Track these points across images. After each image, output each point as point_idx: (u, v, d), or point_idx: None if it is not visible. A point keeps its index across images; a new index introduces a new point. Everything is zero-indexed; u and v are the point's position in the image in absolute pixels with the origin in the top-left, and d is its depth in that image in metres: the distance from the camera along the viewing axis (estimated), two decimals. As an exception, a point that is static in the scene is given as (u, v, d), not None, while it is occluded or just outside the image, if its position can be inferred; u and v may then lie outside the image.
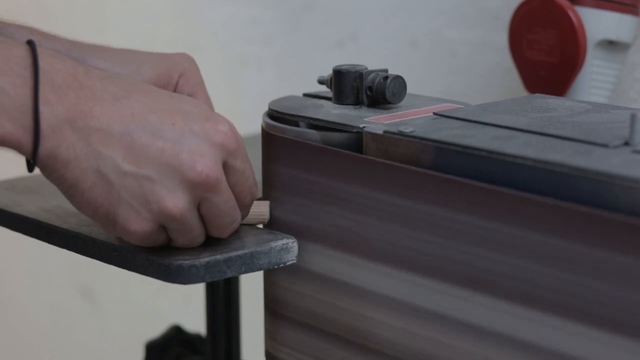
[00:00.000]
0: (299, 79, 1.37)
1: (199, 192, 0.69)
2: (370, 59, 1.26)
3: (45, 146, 0.66)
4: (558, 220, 0.62)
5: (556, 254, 0.62)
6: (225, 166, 0.71)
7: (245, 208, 0.74)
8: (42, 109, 0.66)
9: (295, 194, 0.76)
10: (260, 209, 0.78)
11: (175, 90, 0.86)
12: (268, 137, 0.78)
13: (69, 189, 0.69)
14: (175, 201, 0.69)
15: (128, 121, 0.68)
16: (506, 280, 0.65)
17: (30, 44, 0.68)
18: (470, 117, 0.74)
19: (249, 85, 1.45)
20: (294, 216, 0.77)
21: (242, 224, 0.77)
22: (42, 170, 0.68)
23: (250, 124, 1.30)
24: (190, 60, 0.85)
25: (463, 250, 0.67)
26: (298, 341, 0.79)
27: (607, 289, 0.61)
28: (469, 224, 0.67)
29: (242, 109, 1.46)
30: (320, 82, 0.83)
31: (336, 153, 0.74)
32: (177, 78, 0.85)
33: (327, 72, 0.83)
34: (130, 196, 0.68)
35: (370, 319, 0.74)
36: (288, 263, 0.75)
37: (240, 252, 0.73)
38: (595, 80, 0.96)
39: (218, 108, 0.84)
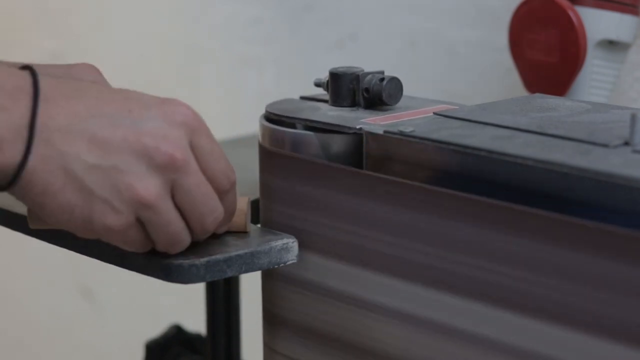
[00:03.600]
0: (299, 79, 1.37)
1: (169, 174, 0.68)
2: (370, 59, 1.26)
3: (8, 155, 0.66)
4: (558, 232, 0.62)
5: (557, 265, 0.62)
6: (193, 147, 0.69)
7: (224, 195, 0.72)
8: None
9: (293, 206, 0.76)
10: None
11: None
12: (265, 152, 0.78)
13: (39, 196, 0.67)
14: (146, 186, 0.67)
15: (85, 115, 0.67)
16: (507, 290, 0.65)
17: None
18: (470, 117, 0.74)
19: (249, 85, 1.45)
20: (292, 227, 0.76)
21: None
22: (7, 184, 0.67)
23: (250, 124, 1.30)
24: (94, 70, 0.80)
25: (463, 262, 0.67)
26: (296, 351, 0.79)
27: (606, 298, 0.61)
28: (469, 236, 0.66)
29: (242, 109, 1.46)
30: (317, 84, 0.83)
31: (333, 167, 0.74)
32: None
33: (325, 74, 0.83)
34: (102, 189, 0.67)
35: (369, 328, 0.74)
36: (288, 263, 0.75)
37: (240, 252, 0.73)
38: (595, 80, 0.96)
39: (218, 108, 0.85)
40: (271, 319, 0.80)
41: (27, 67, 0.69)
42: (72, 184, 0.67)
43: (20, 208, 0.82)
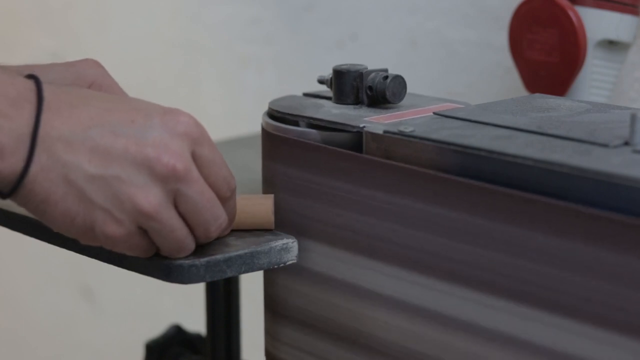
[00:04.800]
0: (299, 79, 1.37)
1: (171, 185, 0.68)
2: (370, 59, 1.26)
3: (10, 163, 0.66)
4: (558, 220, 0.62)
5: (557, 253, 0.63)
6: (194, 157, 0.70)
7: (225, 202, 0.72)
8: (3, 123, 0.65)
9: (296, 193, 0.76)
10: (263, 210, 0.77)
11: None
12: (268, 137, 0.78)
13: (41, 205, 0.68)
14: (148, 197, 0.68)
15: (88, 125, 0.68)
16: (508, 280, 0.65)
17: None
18: (470, 117, 0.74)
19: (249, 85, 1.45)
20: (294, 215, 0.77)
21: (247, 230, 0.76)
22: (9, 192, 0.67)
23: (250, 124, 1.30)
24: (97, 66, 0.80)
25: (464, 250, 0.67)
26: (298, 340, 0.79)
27: (606, 288, 0.61)
28: (469, 223, 0.67)
29: (242, 109, 1.46)
30: (321, 81, 0.83)
31: (337, 152, 0.74)
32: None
33: (327, 72, 0.83)
34: (103, 199, 0.67)
35: (371, 318, 0.74)
36: (288, 263, 0.75)
37: (240, 252, 0.73)
38: (595, 80, 0.96)
39: (218, 108, 0.85)
40: (273, 308, 0.81)
41: (31, 76, 0.69)
42: (73, 193, 0.67)
43: (20, 208, 0.82)
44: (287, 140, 0.76)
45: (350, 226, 0.74)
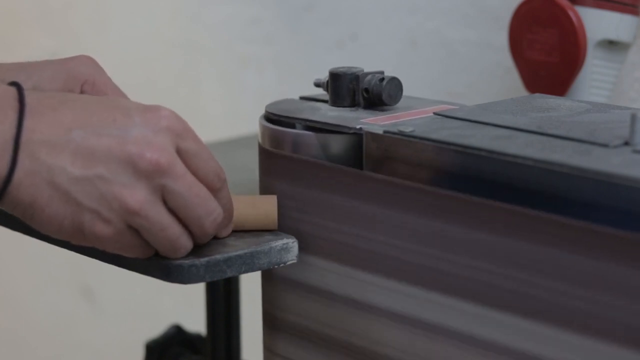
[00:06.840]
0: (299, 79, 1.37)
1: (156, 180, 0.68)
2: (371, 59, 1.26)
3: None
4: (556, 233, 0.62)
5: (555, 266, 0.62)
6: (179, 151, 0.69)
7: (217, 193, 0.72)
8: None
9: (294, 209, 0.76)
10: (268, 209, 0.77)
11: None
12: (265, 154, 0.78)
13: (28, 209, 0.68)
14: (134, 195, 0.67)
15: (70, 127, 0.67)
16: (507, 292, 0.65)
17: None
18: (470, 117, 0.74)
19: (249, 85, 1.45)
20: (292, 230, 0.76)
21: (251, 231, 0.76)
22: None
23: (250, 124, 1.30)
24: (90, 63, 0.80)
25: (462, 263, 0.67)
26: (296, 354, 0.79)
27: (605, 300, 0.61)
28: (468, 237, 0.66)
29: (242, 109, 1.46)
30: (317, 84, 0.83)
31: (334, 168, 0.73)
32: (79, 88, 0.80)
33: (326, 74, 0.83)
34: (89, 200, 0.67)
35: (370, 331, 0.74)
36: (288, 263, 0.75)
37: (240, 252, 0.73)
38: (595, 80, 0.96)
39: (218, 108, 0.85)
40: (271, 322, 0.80)
41: (14, 83, 0.69)
42: (58, 196, 0.67)
43: (20, 208, 0.82)
44: (284, 156, 0.76)
45: (348, 241, 0.74)
